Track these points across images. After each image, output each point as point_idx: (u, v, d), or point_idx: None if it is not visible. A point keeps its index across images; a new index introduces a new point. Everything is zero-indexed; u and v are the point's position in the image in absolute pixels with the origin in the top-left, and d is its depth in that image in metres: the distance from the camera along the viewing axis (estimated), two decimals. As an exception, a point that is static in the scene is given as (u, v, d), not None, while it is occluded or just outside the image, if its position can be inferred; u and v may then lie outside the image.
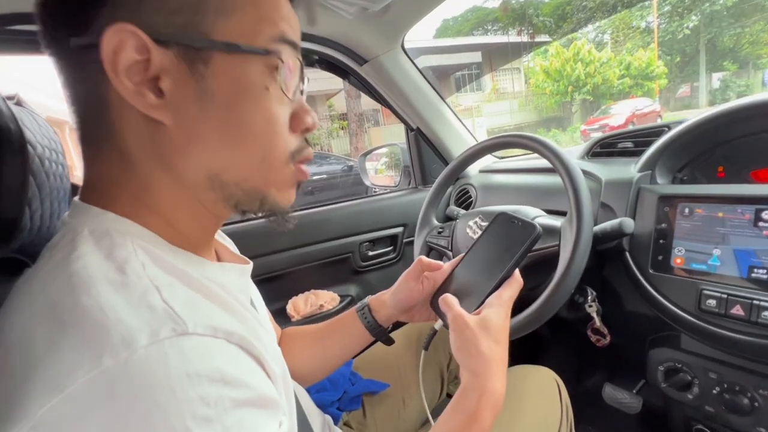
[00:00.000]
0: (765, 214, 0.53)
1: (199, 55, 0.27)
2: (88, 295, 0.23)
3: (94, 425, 0.20)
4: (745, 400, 0.56)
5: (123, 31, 0.25)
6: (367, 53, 0.93)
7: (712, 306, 0.56)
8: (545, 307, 0.60)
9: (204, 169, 0.30)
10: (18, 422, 0.20)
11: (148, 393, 0.21)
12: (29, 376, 0.21)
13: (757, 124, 0.61)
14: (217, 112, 0.29)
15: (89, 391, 0.20)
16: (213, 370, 0.23)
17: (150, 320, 0.23)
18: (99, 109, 0.28)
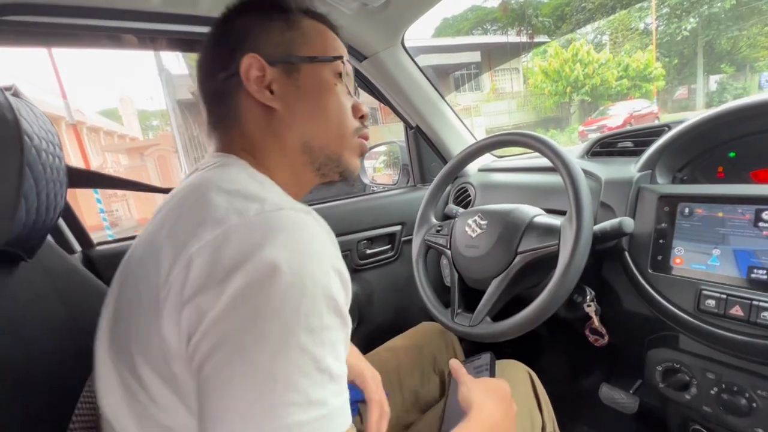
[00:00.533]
0: (765, 214, 0.53)
1: (294, 67, 0.44)
2: (233, 185, 0.37)
3: (254, 236, 0.31)
4: (743, 400, 0.56)
5: (251, 58, 0.42)
6: (366, 50, 0.92)
7: (711, 306, 0.56)
8: (544, 306, 0.60)
9: (300, 138, 0.45)
10: (191, 236, 0.32)
11: (290, 232, 0.31)
12: (190, 221, 0.33)
13: (757, 124, 0.61)
14: (307, 100, 0.45)
15: (257, 221, 0.32)
16: (326, 237, 0.34)
17: (288, 200, 0.36)
18: (232, 107, 0.44)
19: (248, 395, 0.27)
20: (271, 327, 0.28)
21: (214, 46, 0.46)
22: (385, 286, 1.13)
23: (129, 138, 18.07)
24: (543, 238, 0.66)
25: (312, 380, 0.28)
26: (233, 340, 0.28)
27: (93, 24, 0.67)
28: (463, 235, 0.77)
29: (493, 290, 0.69)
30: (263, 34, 0.44)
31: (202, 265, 0.29)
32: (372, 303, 1.12)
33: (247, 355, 0.27)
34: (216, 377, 0.28)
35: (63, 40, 0.69)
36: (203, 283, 0.29)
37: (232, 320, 0.28)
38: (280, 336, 0.28)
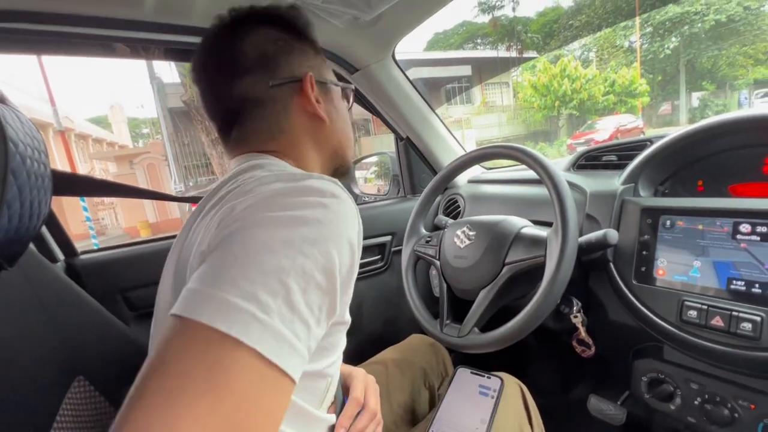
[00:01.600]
0: (742, 227, 0.55)
1: (327, 87, 0.54)
2: (278, 169, 0.45)
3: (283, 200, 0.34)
4: (726, 410, 0.57)
5: (308, 76, 0.49)
6: (357, 62, 0.93)
7: (693, 317, 0.57)
8: (531, 316, 0.61)
9: (334, 145, 0.54)
10: (243, 196, 0.36)
11: (312, 196, 0.35)
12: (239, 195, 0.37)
13: (733, 140, 0.63)
14: (339, 116, 0.55)
15: (286, 187, 0.36)
16: (351, 213, 0.37)
17: (307, 176, 0.38)
18: (281, 117, 0.49)
19: (211, 268, 0.30)
20: (264, 229, 0.31)
21: (238, 51, 0.48)
22: (375, 296, 1.12)
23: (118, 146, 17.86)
24: (530, 249, 0.66)
25: (268, 283, 0.29)
26: (245, 225, 0.32)
27: (85, 32, 0.67)
28: (451, 245, 0.78)
29: (481, 301, 0.70)
30: (303, 54, 0.51)
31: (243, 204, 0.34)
32: (361, 314, 1.11)
33: (244, 242, 0.30)
34: (217, 245, 0.32)
35: (54, 47, 0.68)
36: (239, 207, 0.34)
37: (248, 212, 0.33)
38: (268, 238, 0.30)
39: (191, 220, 0.43)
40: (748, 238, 0.54)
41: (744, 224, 0.55)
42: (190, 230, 0.41)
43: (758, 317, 0.51)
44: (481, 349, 0.67)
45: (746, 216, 0.55)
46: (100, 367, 0.55)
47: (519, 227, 0.72)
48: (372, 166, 1.77)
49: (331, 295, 0.33)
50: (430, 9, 0.80)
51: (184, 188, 9.45)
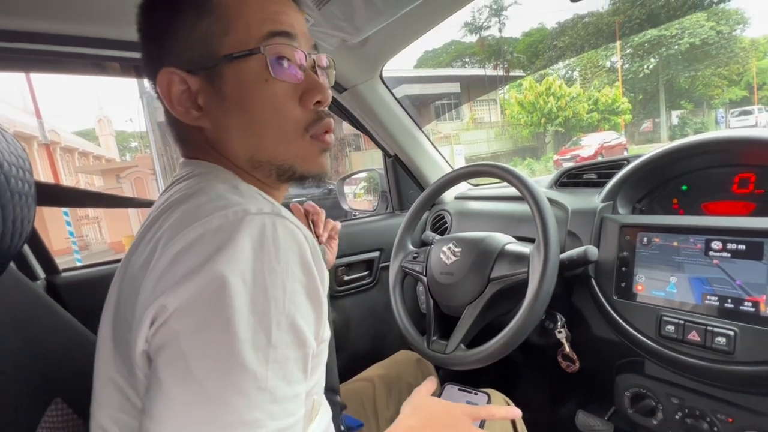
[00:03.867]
0: (714, 244, 0.57)
1: (214, 72, 0.37)
2: (215, 192, 0.34)
3: (214, 239, 0.30)
4: (705, 424, 0.58)
5: (167, 73, 0.36)
6: (346, 82, 0.96)
7: (670, 332, 0.58)
8: (516, 333, 0.61)
9: (243, 153, 0.39)
10: (174, 236, 0.31)
11: (249, 238, 0.30)
12: (172, 225, 0.32)
13: (704, 160, 0.66)
14: (235, 110, 0.38)
15: (220, 225, 0.30)
16: (291, 246, 0.31)
17: (257, 203, 0.32)
18: (175, 129, 0.41)
19: (183, 405, 0.27)
20: (216, 338, 0.27)
21: (143, 53, 0.39)
22: (363, 312, 1.12)
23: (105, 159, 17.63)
24: (513, 265, 0.68)
25: (249, 400, 0.27)
26: (179, 342, 0.28)
27: (75, 51, 0.68)
28: (438, 262, 0.79)
29: (467, 317, 0.70)
30: (173, 32, 0.36)
31: (172, 264, 0.30)
32: (349, 329, 1.10)
33: (188, 362, 0.27)
34: (158, 376, 0.28)
35: (44, 66, 0.69)
36: (168, 282, 0.29)
37: (183, 323, 0.28)
38: (223, 349, 0.27)
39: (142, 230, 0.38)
40: (719, 255, 0.56)
41: (715, 241, 0.57)
42: (140, 241, 0.36)
43: (732, 332, 0.53)
44: (467, 365, 0.67)
45: (717, 233, 0.57)
46: (79, 388, 0.54)
47: (503, 244, 0.73)
48: (361, 182, 1.79)
49: (301, 343, 0.31)
50: (415, 33, 0.83)
51: (171, 202, 9.32)
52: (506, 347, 0.63)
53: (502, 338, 0.63)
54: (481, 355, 0.65)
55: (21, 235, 0.44)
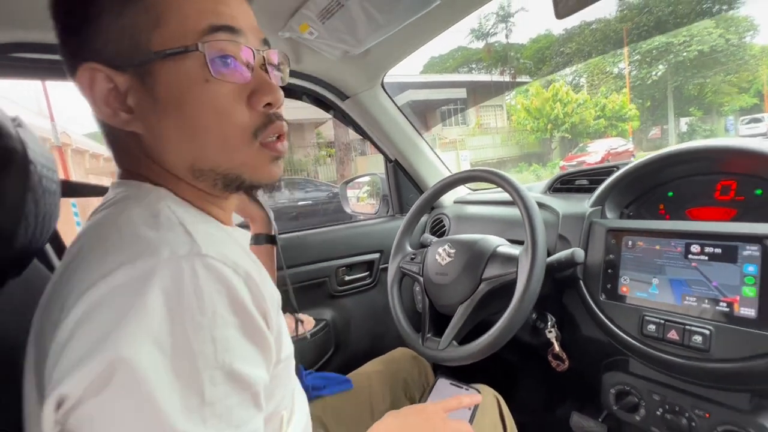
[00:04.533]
0: (693, 247, 0.60)
1: (144, 69, 0.32)
2: (128, 228, 0.30)
3: (118, 303, 0.26)
4: (684, 420, 0.60)
5: (88, 69, 0.31)
6: (348, 90, 1.00)
7: (652, 331, 0.61)
8: (504, 329, 0.65)
9: (182, 162, 0.35)
10: (78, 297, 0.26)
11: (162, 294, 0.26)
12: (79, 275, 0.28)
13: (688, 168, 0.69)
14: (171, 113, 0.33)
15: (125, 282, 0.26)
16: (217, 289, 0.28)
17: (172, 242, 0.29)
18: (107, 132, 0.36)
19: None
20: (139, 419, 0.24)
21: (60, 37, 0.33)
22: (363, 312, 1.16)
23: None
24: (504, 266, 0.71)
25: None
26: (95, 430, 0.25)
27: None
28: (433, 263, 0.82)
29: (460, 316, 0.74)
30: (99, 23, 0.31)
31: (71, 337, 0.26)
32: (349, 328, 1.14)
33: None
34: None
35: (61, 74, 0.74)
36: (67, 362, 0.25)
37: (94, 409, 0.24)
38: (151, 428, 0.25)
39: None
40: (698, 258, 0.59)
41: (694, 245, 0.60)
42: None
43: (707, 331, 0.55)
44: (459, 361, 0.71)
45: (696, 237, 0.60)
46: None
47: (495, 246, 0.77)
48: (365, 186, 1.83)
49: (252, 388, 0.29)
50: (414, 44, 0.88)
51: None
52: (495, 344, 0.66)
53: (491, 335, 0.66)
54: (472, 351, 0.68)
55: (48, 230, 0.49)
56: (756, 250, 0.54)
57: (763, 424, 0.53)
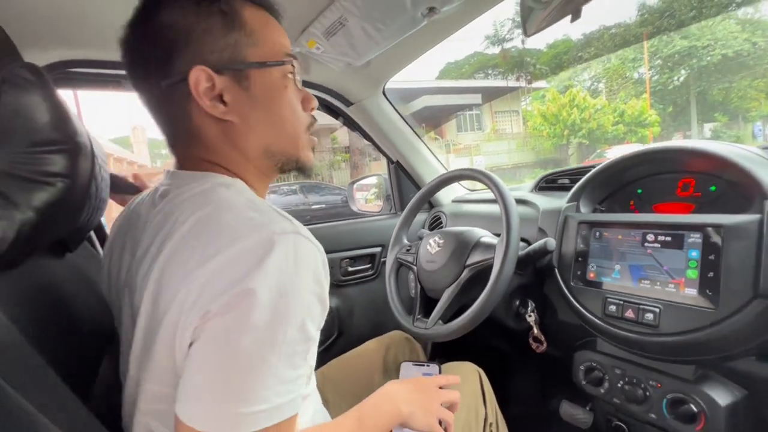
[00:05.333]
0: (648, 236, 0.68)
1: (242, 74, 0.43)
2: (237, 211, 0.40)
3: (249, 258, 0.36)
4: (640, 390, 0.67)
5: (198, 71, 0.41)
6: (352, 98, 1.11)
7: (613, 311, 0.69)
8: (481, 307, 0.73)
9: (260, 145, 0.46)
10: (213, 255, 0.36)
11: (276, 256, 0.36)
12: (204, 243, 0.37)
13: (652, 167, 0.76)
14: (261, 108, 0.45)
15: (252, 245, 0.36)
16: (308, 261, 0.38)
17: (276, 222, 0.38)
18: (185, 121, 0.44)
19: (212, 383, 0.34)
20: (245, 336, 0.34)
21: (144, 44, 0.42)
22: (364, 301, 1.25)
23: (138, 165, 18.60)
24: (484, 253, 0.80)
25: (263, 383, 0.35)
26: (217, 337, 0.35)
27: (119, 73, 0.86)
28: (425, 252, 0.91)
29: (446, 298, 0.82)
30: (204, 36, 0.41)
31: (214, 276, 0.35)
32: (352, 316, 1.23)
33: (221, 352, 0.34)
34: (195, 360, 0.35)
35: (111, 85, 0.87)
36: (211, 292, 0.35)
37: (221, 322, 0.34)
38: (249, 344, 0.34)
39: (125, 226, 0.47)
40: (652, 246, 0.67)
41: (650, 234, 0.67)
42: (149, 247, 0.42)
43: (657, 309, 0.63)
44: (444, 337, 0.79)
45: (651, 227, 0.68)
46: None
47: (479, 236, 0.85)
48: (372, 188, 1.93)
49: (307, 339, 0.38)
50: (412, 56, 0.98)
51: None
52: (474, 320, 0.74)
53: (470, 312, 0.74)
54: (455, 328, 0.77)
55: (100, 212, 0.60)
56: (698, 238, 0.61)
57: (705, 391, 0.60)
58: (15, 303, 0.41)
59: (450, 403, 0.61)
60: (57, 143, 0.43)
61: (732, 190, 0.65)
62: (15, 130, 0.40)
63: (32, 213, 0.41)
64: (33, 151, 0.41)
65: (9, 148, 0.39)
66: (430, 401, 0.58)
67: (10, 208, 0.39)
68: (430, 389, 0.60)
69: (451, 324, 0.77)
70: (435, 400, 0.58)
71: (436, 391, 0.60)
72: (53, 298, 0.52)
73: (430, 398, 0.58)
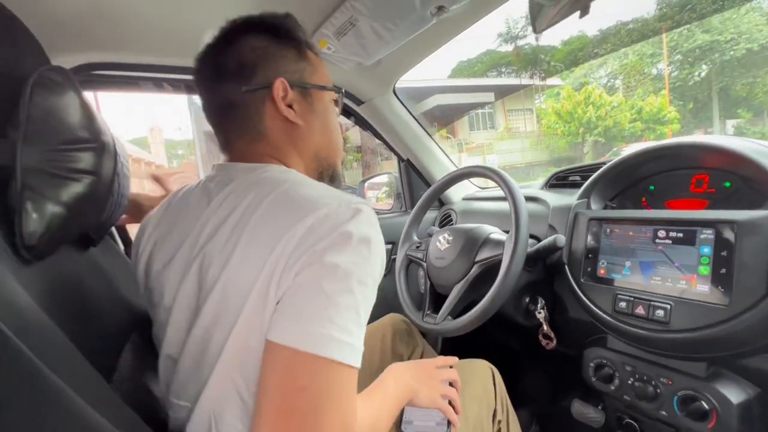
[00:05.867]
0: (660, 233, 0.67)
1: (307, 92, 0.55)
2: (308, 188, 0.47)
3: (330, 222, 0.42)
4: (650, 388, 0.67)
5: (280, 81, 0.52)
6: (363, 96, 1.12)
7: (623, 307, 0.68)
8: (490, 303, 0.74)
9: (314, 149, 0.57)
10: (295, 222, 0.42)
11: (366, 217, 0.43)
12: (283, 214, 0.43)
13: (664, 163, 0.76)
14: (319, 119, 0.57)
15: (330, 213, 0.42)
16: (372, 229, 0.44)
17: (341, 195, 0.45)
18: (258, 120, 0.53)
19: (314, 309, 0.39)
20: (339, 271, 0.40)
21: (226, 57, 0.51)
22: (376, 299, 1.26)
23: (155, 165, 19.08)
24: (493, 249, 0.80)
25: (349, 316, 0.40)
26: (320, 275, 0.40)
27: (152, 76, 0.89)
28: (434, 248, 0.92)
29: (455, 294, 0.83)
30: (282, 60, 0.53)
31: (309, 233, 0.41)
32: (363, 313, 1.25)
33: (322, 284, 0.39)
34: (295, 289, 0.40)
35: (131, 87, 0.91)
36: (309, 242, 0.41)
37: (324, 261, 0.40)
38: (343, 279, 0.40)
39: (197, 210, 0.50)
40: (663, 242, 0.66)
41: (661, 230, 0.67)
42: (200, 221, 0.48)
43: (668, 305, 0.62)
44: (453, 332, 0.80)
45: (662, 224, 0.67)
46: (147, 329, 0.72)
47: (488, 233, 0.86)
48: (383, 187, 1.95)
49: (374, 293, 0.44)
50: (421, 55, 0.99)
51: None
52: (483, 315, 0.75)
53: (479, 308, 0.75)
54: (463, 323, 0.77)
55: (122, 209, 0.63)
56: (710, 234, 0.61)
57: (717, 388, 0.60)
58: (45, 291, 0.43)
59: (450, 380, 0.66)
60: (84, 142, 0.46)
61: (746, 186, 0.65)
62: (45, 129, 0.42)
63: (60, 207, 0.44)
64: (62, 149, 0.44)
65: (40, 147, 0.42)
66: (432, 379, 0.64)
67: (41, 202, 0.42)
68: (431, 368, 0.66)
69: (460, 319, 0.78)
70: (436, 378, 0.64)
71: (436, 371, 0.66)
72: (78, 288, 0.55)
73: (431, 377, 0.64)
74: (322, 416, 0.38)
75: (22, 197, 0.40)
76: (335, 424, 0.38)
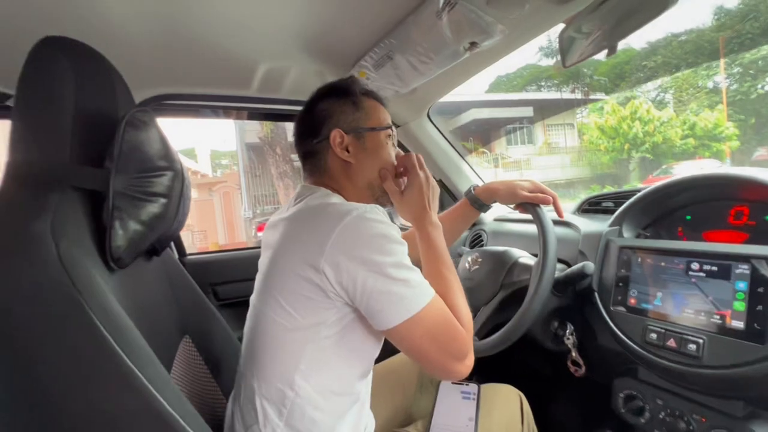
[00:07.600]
0: (693, 265, 0.66)
1: (361, 135, 0.68)
2: (338, 205, 0.58)
3: (352, 227, 0.54)
4: (683, 423, 0.65)
5: (336, 132, 0.67)
6: (399, 120, 1.18)
7: (653, 339, 0.68)
8: (516, 325, 0.75)
9: (366, 181, 0.70)
10: (331, 229, 0.54)
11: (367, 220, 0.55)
12: (321, 222, 0.56)
13: (700, 194, 0.75)
14: (371, 156, 0.69)
15: (354, 218, 0.55)
16: (385, 229, 0.56)
17: (357, 206, 0.57)
18: (322, 162, 0.69)
19: (383, 293, 0.53)
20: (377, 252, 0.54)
21: (306, 120, 0.71)
22: None
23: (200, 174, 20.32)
24: (521, 273, 0.82)
25: (406, 274, 0.54)
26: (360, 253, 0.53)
27: (210, 105, 1.00)
28: (463, 269, 0.95)
29: (481, 316, 0.85)
30: (341, 114, 0.68)
31: (333, 239, 0.53)
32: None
33: (371, 267, 0.53)
34: (362, 286, 0.53)
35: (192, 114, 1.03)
36: (336, 248, 0.53)
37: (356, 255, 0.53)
38: (386, 254, 0.54)
39: (289, 226, 0.63)
40: (697, 274, 0.66)
41: (694, 263, 0.66)
42: (289, 233, 0.61)
43: (701, 340, 0.61)
44: (478, 354, 0.81)
45: (696, 256, 0.66)
46: (200, 332, 0.80)
47: (517, 257, 0.87)
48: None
49: (403, 246, 0.57)
50: (456, 82, 1.03)
51: (252, 215, 10.44)
52: (508, 338, 0.76)
53: (504, 330, 0.77)
54: (488, 345, 0.79)
55: (183, 223, 0.72)
56: (746, 269, 0.60)
57: (753, 429, 0.58)
58: (123, 296, 0.51)
59: None
60: (161, 169, 0.54)
61: (789, 220, 0.63)
62: (132, 160, 0.51)
63: (140, 225, 0.52)
64: (143, 176, 0.52)
65: (127, 174, 0.50)
66: (417, 191, 0.71)
67: (126, 221, 0.50)
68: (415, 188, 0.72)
69: (486, 341, 0.80)
70: (417, 186, 0.71)
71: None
72: (146, 292, 0.63)
73: (420, 192, 0.71)
74: (448, 331, 0.56)
75: (112, 217, 0.49)
76: (454, 326, 0.57)
